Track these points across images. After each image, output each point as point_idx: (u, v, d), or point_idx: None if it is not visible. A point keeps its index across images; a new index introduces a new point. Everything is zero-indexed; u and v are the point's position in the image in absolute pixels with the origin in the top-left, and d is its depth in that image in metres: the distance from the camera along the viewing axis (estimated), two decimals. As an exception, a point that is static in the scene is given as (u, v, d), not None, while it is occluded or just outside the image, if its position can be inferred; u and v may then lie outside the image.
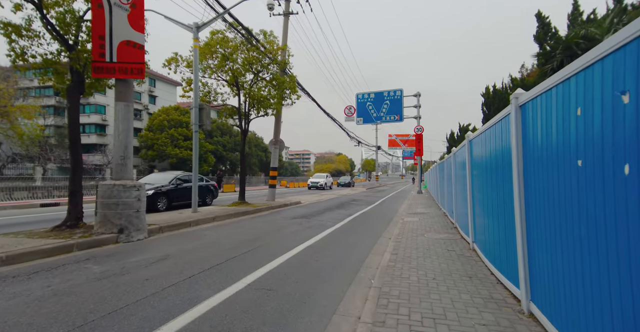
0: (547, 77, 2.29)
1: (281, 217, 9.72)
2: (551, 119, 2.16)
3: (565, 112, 1.94)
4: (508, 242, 3.17)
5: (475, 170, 4.90)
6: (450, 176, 8.34)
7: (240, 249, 5.30)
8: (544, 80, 2.38)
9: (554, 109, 2.11)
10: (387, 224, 8.93)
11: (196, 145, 9.09)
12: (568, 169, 1.93)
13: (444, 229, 7.55)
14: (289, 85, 12.20)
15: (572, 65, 1.83)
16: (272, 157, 14.28)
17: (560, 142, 2.03)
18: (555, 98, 2.09)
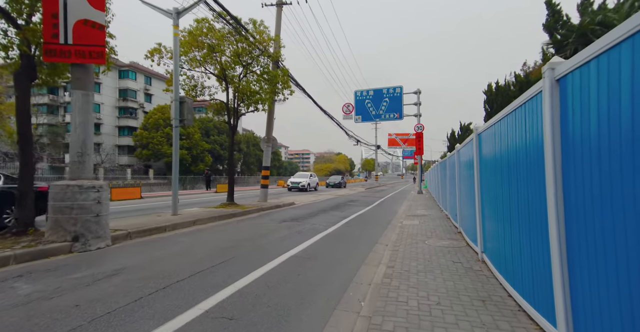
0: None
1: (270, 220, 8.99)
2: (617, 92, 1.44)
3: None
4: (535, 258, 2.45)
5: (485, 168, 4.17)
6: (454, 176, 7.62)
7: (213, 260, 4.58)
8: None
9: (621, 78, 1.39)
10: (385, 228, 8.21)
11: (176, 143, 8.36)
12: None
13: (447, 234, 6.82)
14: (281, 79, 11.47)
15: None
16: (265, 155, 13.56)
17: (633, 125, 1.32)
18: (622, 61, 1.37)
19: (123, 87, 43.41)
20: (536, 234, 2.39)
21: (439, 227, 7.70)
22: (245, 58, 10.84)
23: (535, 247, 2.41)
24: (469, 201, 5.51)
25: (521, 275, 2.79)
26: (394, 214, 11.51)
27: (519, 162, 2.74)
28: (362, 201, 17.01)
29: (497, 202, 3.57)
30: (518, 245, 2.84)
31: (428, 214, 10.67)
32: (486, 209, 4.20)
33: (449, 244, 5.69)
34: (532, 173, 2.44)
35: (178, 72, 8.48)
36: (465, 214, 6.14)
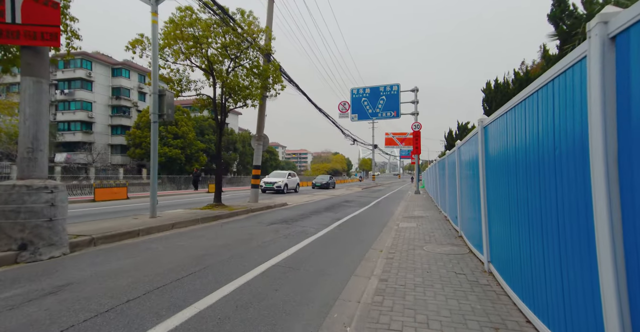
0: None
1: (257, 223, 8.39)
2: None
3: None
4: (570, 278, 1.88)
5: (493, 165, 3.60)
6: (454, 175, 7.06)
7: (180, 271, 3.98)
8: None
9: None
10: (380, 231, 7.64)
11: (155, 139, 7.74)
12: None
13: (446, 238, 6.26)
14: (272, 73, 10.87)
15: None
16: (255, 154, 12.95)
17: None
18: None
19: (116, 86, 42.61)
20: (572, 248, 1.82)
21: (437, 231, 7.14)
22: (234, 51, 10.23)
23: (572, 265, 1.84)
24: (471, 203, 4.95)
25: (546, 299, 2.21)
26: (390, 215, 10.95)
27: (542, 156, 2.17)
28: (358, 201, 16.45)
29: (509, 205, 3.00)
30: (541, 259, 2.27)
31: (426, 215, 10.11)
32: (494, 212, 3.63)
33: (449, 251, 5.12)
34: (565, 169, 1.87)
35: (157, 63, 7.85)
36: (467, 217, 5.57)
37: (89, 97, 39.82)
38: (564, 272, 1.91)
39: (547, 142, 2.10)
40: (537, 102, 2.25)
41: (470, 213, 5.21)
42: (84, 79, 38.94)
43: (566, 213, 1.87)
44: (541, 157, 2.18)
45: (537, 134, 2.26)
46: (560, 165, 1.92)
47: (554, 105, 1.97)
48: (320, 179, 33.19)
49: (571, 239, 1.82)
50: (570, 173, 1.81)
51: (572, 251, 1.82)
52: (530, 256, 2.47)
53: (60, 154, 38.20)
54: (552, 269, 2.07)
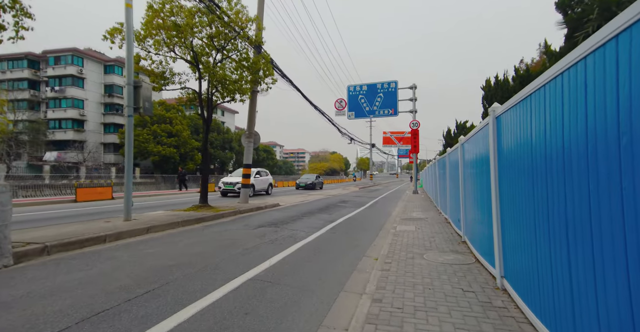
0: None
1: (243, 226, 7.76)
2: None
3: None
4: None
5: (509, 162, 2.99)
6: (456, 175, 6.45)
7: (135, 289, 3.34)
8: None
9: None
10: (376, 235, 7.03)
11: (130, 134, 7.09)
12: None
13: (448, 244, 5.65)
14: (263, 65, 10.22)
15: None
16: (246, 152, 12.30)
17: None
18: None
19: (109, 83, 41.75)
20: None
21: (438, 235, 6.53)
22: (221, 42, 9.57)
23: None
24: (479, 205, 4.34)
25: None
26: (387, 216, 10.34)
27: (599, 147, 1.55)
28: (354, 201, 15.84)
29: (535, 207, 2.38)
30: (591, 281, 1.65)
31: (425, 217, 9.52)
32: (511, 216, 3.01)
33: (453, 260, 4.51)
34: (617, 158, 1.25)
35: (132, 51, 7.18)
36: (472, 221, 4.97)
37: (80, 94, 38.94)
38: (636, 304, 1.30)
39: (594, 128, 1.48)
40: (581, 77, 1.63)
41: (476, 216, 4.60)
42: (75, 76, 38.07)
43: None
44: (598, 150, 1.56)
45: (583, 118, 1.63)
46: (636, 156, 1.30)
47: (611, 79, 1.35)
48: (304, 179, 29.21)
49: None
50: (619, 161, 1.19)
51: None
52: (571, 277, 1.85)
53: (51, 152, 37.36)
54: (613, 297, 1.46)
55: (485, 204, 3.82)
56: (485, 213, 3.85)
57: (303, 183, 28.25)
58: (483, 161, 3.87)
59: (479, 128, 4.11)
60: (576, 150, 1.74)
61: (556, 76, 1.96)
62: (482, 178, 4.00)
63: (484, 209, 3.92)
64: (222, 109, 69.07)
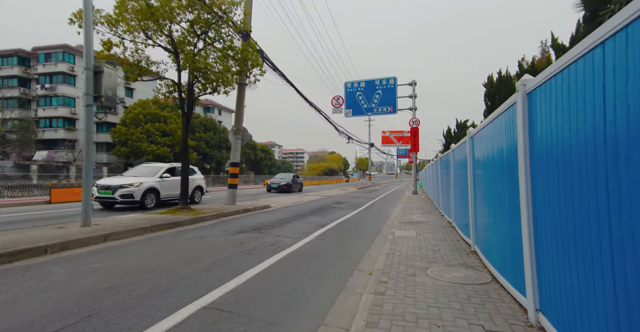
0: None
1: (223, 232, 6.89)
2: None
3: None
4: None
5: (546, 154, 2.12)
6: (464, 174, 5.59)
7: (39, 327, 2.47)
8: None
9: None
10: (371, 242, 6.17)
11: (90, 127, 6.22)
12: None
13: (456, 254, 4.79)
14: (249, 54, 9.35)
15: None
16: (233, 149, 11.42)
17: None
18: None
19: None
20: None
21: (442, 243, 5.67)
22: (203, 27, 8.70)
23: None
24: (497, 210, 3.48)
25: None
26: (385, 219, 9.49)
27: None
28: (350, 202, 14.98)
29: (599, 216, 1.52)
30: None
31: (426, 220, 8.66)
32: (551, 227, 2.15)
33: (464, 278, 3.65)
34: None
35: (90, 30, 6.29)
36: (487, 228, 4.11)
37: (71, 92, 37.98)
38: None
39: None
40: None
41: (493, 223, 3.74)
42: (66, 73, 37.12)
43: None
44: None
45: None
46: None
47: None
48: (278, 179, 23.24)
49: None
50: None
51: None
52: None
53: (40, 152, 36.41)
54: None
55: (509, 209, 2.96)
56: (508, 220, 2.99)
57: (275, 184, 22.35)
58: (505, 156, 3.01)
59: (497, 113, 3.24)
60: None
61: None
62: (503, 177, 3.13)
63: (507, 216, 3.06)
64: (219, 108, 68.18)
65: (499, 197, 3.34)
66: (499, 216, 3.38)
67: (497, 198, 3.43)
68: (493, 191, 3.59)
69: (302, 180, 27.51)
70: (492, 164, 3.64)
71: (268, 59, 12.92)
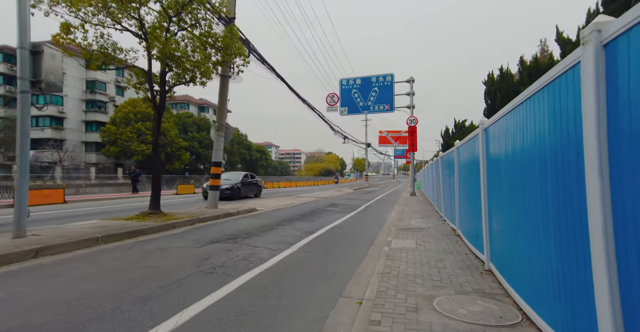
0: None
1: (192, 241, 5.91)
2: None
3: None
4: None
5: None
6: (475, 174, 4.66)
7: None
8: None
9: None
10: (364, 254, 5.23)
11: (25, 120, 5.24)
12: None
13: (467, 274, 3.85)
14: (230, 42, 8.38)
15: None
16: (215, 147, 10.44)
17: None
18: None
19: (91, 79, 39.63)
20: None
21: (448, 257, 4.73)
22: (178, 11, 7.72)
23: None
24: (531, 222, 2.54)
25: None
26: (381, 225, 8.55)
27: None
28: (345, 205, 14.03)
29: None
30: None
31: (426, 226, 7.73)
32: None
33: (484, 314, 2.70)
34: None
35: (26, 3, 5.29)
36: (510, 243, 3.17)
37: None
38: None
39: None
40: None
41: (520, 237, 2.81)
42: (53, 71, 35.89)
43: None
44: None
45: None
46: None
47: None
48: (224, 180, 15.05)
49: None
50: None
51: None
52: None
53: (27, 151, 35.15)
54: None
55: (558, 224, 2.02)
56: (558, 241, 2.05)
57: (220, 187, 13.01)
58: (554, 146, 2.06)
59: (536, 89, 2.29)
60: None
61: None
62: (545, 178, 2.19)
63: (555, 233, 2.12)
64: (214, 108, 67.10)
65: (534, 205, 2.40)
66: (534, 231, 2.44)
67: (531, 206, 2.49)
68: (524, 196, 2.65)
69: (260, 180, 19.21)
70: (521, 161, 2.70)
71: (255, 50, 11.98)
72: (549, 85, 2.04)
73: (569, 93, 1.81)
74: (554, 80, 1.97)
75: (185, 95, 60.19)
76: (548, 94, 2.08)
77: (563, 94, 1.88)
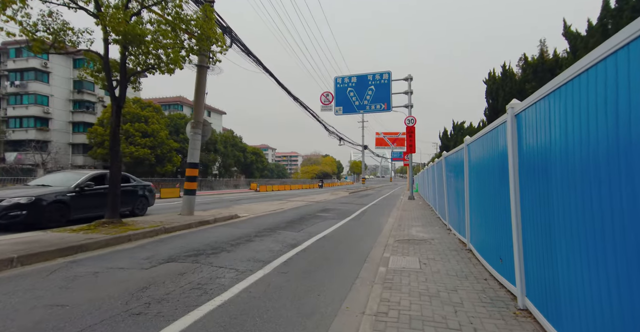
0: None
1: (143, 260, 4.76)
2: None
3: None
4: None
5: None
6: (495, 178, 3.56)
7: None
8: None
9: None
10: (354, 278, 4.10)
11: None
12: None
13: (496, 318, 2.73)
14: (203, 24, 7.27)
15: None
16: (190, 146, 9.29)
17: None
18: None
19: (78, 78, 38.29)
20: None
21: (464, 285, 3.62)
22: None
23: None
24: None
25: None
26: (377, 234, 7.44)
27: None
28: (338, 210, 12.91)
29: None
30: None
31: (429, 237, 6.63)
32: None
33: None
34: None
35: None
36: (569, 275, 2.07)
37: (45, 90, 35.46)
38: None
39: None
40: None
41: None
42: (38, 70, 34.64)
43: None
44: None
45: None
46: None
47: None
48: (27, 189, 7.47)
49: None
50: None
51: None
52: None
53: (10, 153, 33.78)
54: None
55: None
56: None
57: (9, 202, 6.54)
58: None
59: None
60: None
61: None
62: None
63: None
64: (208, 110, 65.87)
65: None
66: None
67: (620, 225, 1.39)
68: (598, 207, 1.55)
69: (148, 185, 10.47)
70: (584, 157, 1.61)
71: (239, 40, 10.90)
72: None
73: None
74: None
75: (179, 96, 59.04)
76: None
77: None
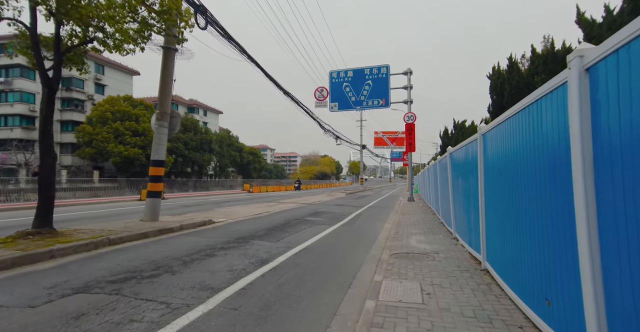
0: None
1: (42, 290, 3.51)
2: None
3: None
4: None
5: None
6: (554, 171, 2.30)
7: None
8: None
9: None
10: (330, 317, 2.83)
11: None
12: None
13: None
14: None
15: None
16: (155, 141, 8.03)
17: None
18: None
19: (66, 75, 36.98)
20: None
21: (483, 328, 2.37)
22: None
23: None
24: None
25: None
26: (370, 245, 6.19)
27: None
28: (330, 213, 11.65)
29: None
30: None
31: (432, 249, 5.38)
32: None
33: None
34: None
35: None
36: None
37: (30, 87, 34.21)
38: None
39: None
40: None
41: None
42: (24, 66, 33.36)
43: None
44: None
45: None
46: None
47: None
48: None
49: None
50: None
51: None
52: None
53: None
54: None
55: None
56: None
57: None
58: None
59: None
60: None
61: None
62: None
63: None
64: (204, 109, 64.61)
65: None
66: None
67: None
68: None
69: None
70: None
71: (216, 22, 9.65)
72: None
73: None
74: None
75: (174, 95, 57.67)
76: None
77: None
